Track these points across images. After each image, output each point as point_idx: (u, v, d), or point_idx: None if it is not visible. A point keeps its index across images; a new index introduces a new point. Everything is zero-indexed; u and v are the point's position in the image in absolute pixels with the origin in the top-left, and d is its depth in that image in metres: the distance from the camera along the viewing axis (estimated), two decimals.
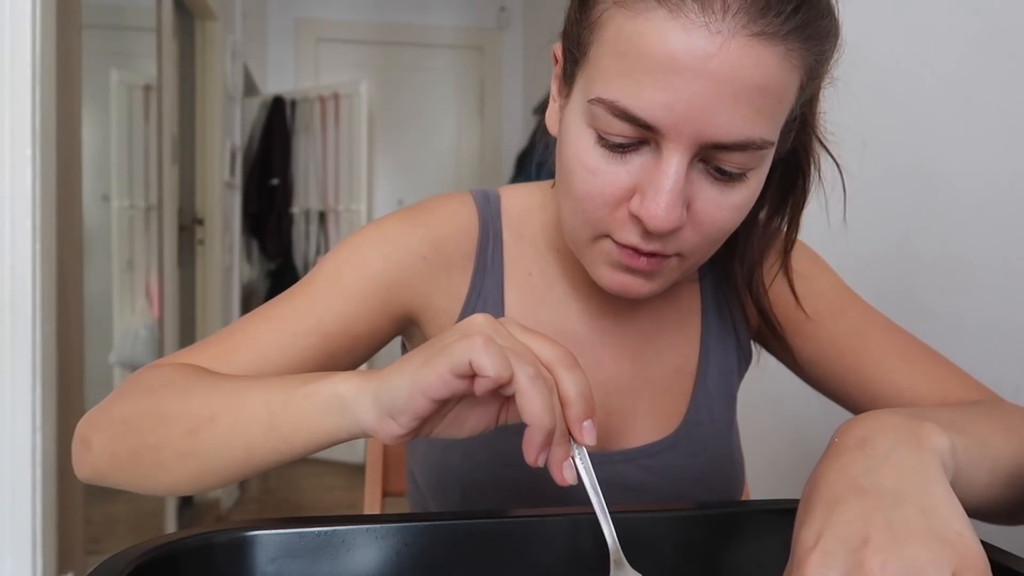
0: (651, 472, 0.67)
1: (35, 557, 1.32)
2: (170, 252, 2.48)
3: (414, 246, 0.64)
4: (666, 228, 0.50)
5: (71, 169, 1.54)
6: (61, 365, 1.43)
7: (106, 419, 0.53)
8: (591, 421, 0.43)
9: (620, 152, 0.52)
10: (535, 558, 0.51)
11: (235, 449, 0.49)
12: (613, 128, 0.51)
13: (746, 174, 0.52)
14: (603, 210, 0.54)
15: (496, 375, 0.40)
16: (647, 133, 0.50)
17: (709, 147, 0.50)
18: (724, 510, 0.56)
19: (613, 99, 0.50)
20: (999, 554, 0.47)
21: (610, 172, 0.52)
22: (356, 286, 0.62)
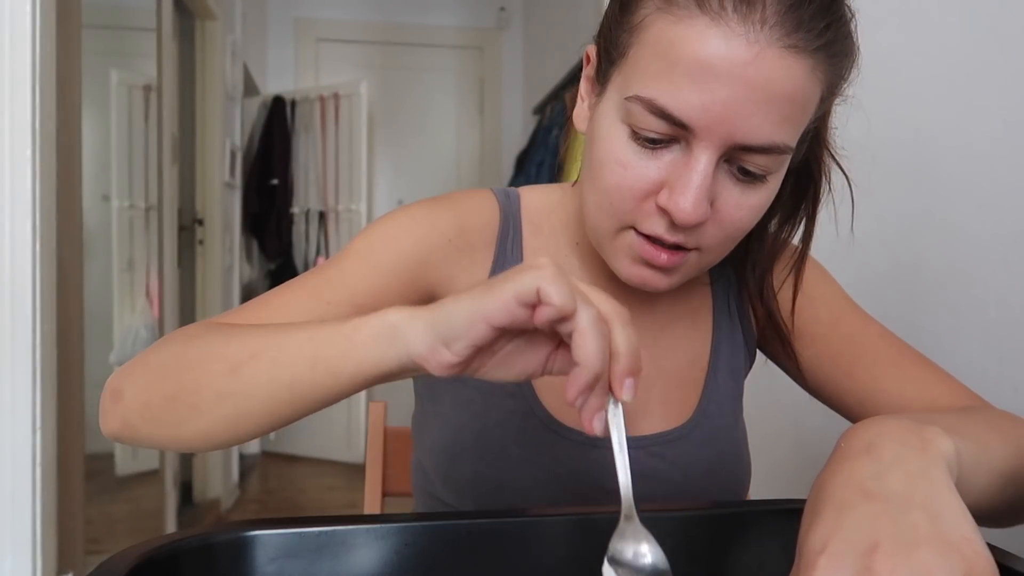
0: (663, 460, 0.69)
1: (35, 557, 1.32)
2: (170, 252, 2.48)
3: (442, 227, 0.66)
4: (692, 221, 0.53)
5: (71, 169, 1.54)
6: (61, 365, 1.43)
7: (140, 367, 0.53)
8: (633, 379, 0.42)
9: (651, 148, 0.55)
10: (535, 558, 0.51)
11: (278, 386, 0.47)
12: (648, 125, 0.54)
13: (766, 177, 0.56)
14: (631, 202, 0.56)
15: (561, 304, 0.40)
16: (680, 131, 0.53)
17: (736, 148, 0.53)
18: (725, 510, 0.56)
19: (652, 97, 0.53)
20: (999, 554, 0.47)
21: (641, 166, 0.55)
22: (388, 263, 0.63)
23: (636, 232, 0.57)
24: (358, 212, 3.64)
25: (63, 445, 1.43)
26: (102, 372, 2.30)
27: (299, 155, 3.80)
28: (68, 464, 1.49)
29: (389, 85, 4.19)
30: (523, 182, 3.26)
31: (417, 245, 0.65)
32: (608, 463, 0.67)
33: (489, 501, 0.68)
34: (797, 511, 0.55)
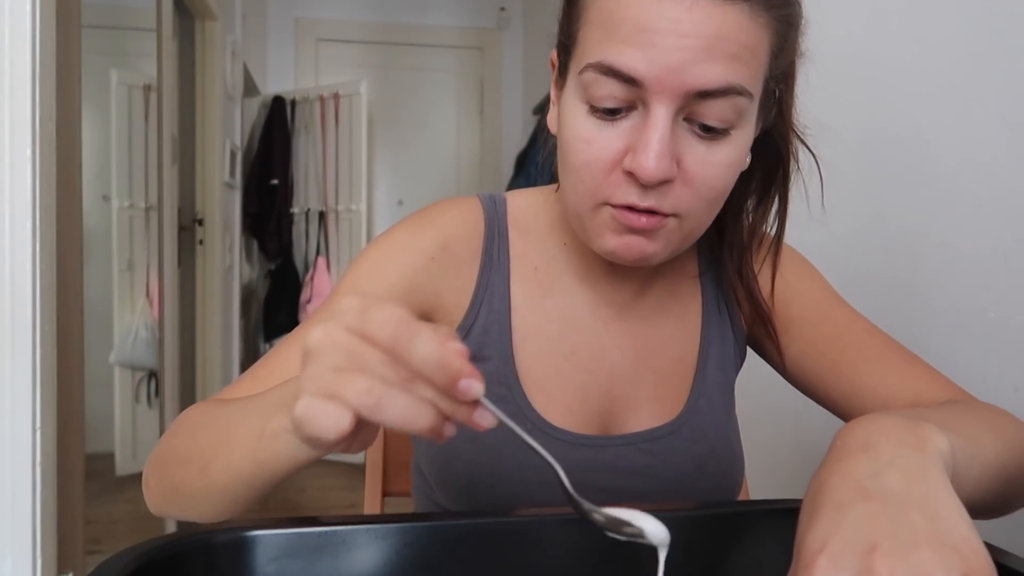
0: (653, 456, 0.69)
1: (35, 557, 1.32)
2: (170, 252, 2.48)
3: (423, 248, 0.66)
4: (656, 177, 0.54)
5: (71, 169, 1.54)
6: (61, 365, 1.43)
7: (152, 461, 0.58)
8: (467, 379, 0.37)
9: (611, 119, 0.56)
10: (535, 558, 0.51)
11: (238, 483, 0.48)
12: (603, 91, 0.55)
13: (729, 131, 0.56)
14: (600, 175, 0.57)
15: (338, 434, 0.37)
16: (634, 92, 0.55)
17: (692, 98, 0.54)
18: (724, 510, 0.56)
19: (600, 60, 0.55)
20: (998, 553, 0.47)
21: (603, 138, 0.57)
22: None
23: (611, 206, 0.58)
24: (358, 212, 3.64)
25: (63, 445, 1.43)
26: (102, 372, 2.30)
27: (299, 155, 3.80)
28: (68, 464, 1.49)
29: (389, 85, 4.19)
30: (523, 182, 3.26)
31: (402, 274, 0.65)
32: (601, 462, 0.67)
33: (484, 504, 0.68)
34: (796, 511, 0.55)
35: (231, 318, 3.29)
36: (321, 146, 3.74)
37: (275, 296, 3.78)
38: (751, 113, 0.58)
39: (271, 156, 3.73)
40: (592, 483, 0.67)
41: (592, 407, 0.70)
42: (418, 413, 0.37)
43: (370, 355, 0.38)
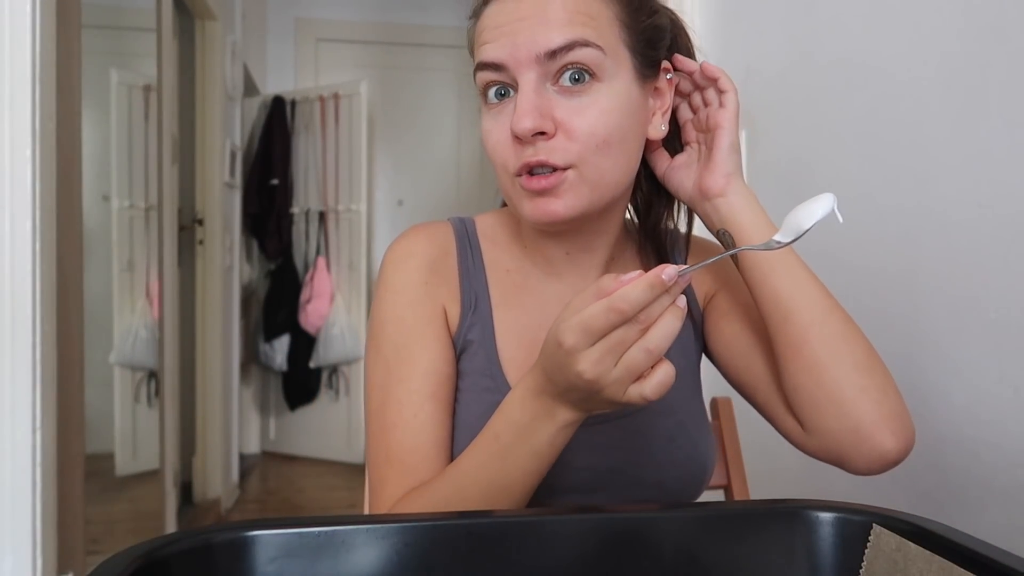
0: (627, 431, 0.74)
1: (35, 557, 1.32)
2: (170, 252, 2.48)
3: (416, 280, 0.75)
4: (527, 127, 0.63)
5: (71, 169, 1.54)
6: (61, 365, 1.43)
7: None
8: (665, 274, 0.50)
9: (498, 105, 0.68)
10: (535, 558, 0.51)
11: (516, 490, 0.63)
12: (483, 83, 0.68)
13: (592, 78, 0.65)
14: (502, 149, 0.67)
15: (668, 382, 0.53)
16: (504, 75, 0.66)
17: (545, 61, 0.64)
18: (724, 510, 0.57)
19: (476, 61, 0.69)
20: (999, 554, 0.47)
21: (496, 122, 0.68)
22: (420, 341, 0.73)
23: (518, 176, 0.67)
24: (358, 212, 3.64)
25: (63, 445, 1.43)
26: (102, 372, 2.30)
27: (299, 155, 3.80)
28: (68, 464, 1.49)
29: (389, 85, 4.19)
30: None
31: (415, 313, 0.74)
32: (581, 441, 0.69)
33: None
34: (796, 511, 0.55)
35: (231, 318, 3.29)
36: (321, 146, 3.74)
37: (275, 296, 3.78)
38: (613, 69, 0.66)
39: (271, 156, 3.73)
40: (571, 462, 0.69)
41: None
42: (672, 323, 0.51)
43: (617, 339, 0.52)
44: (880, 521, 0.52)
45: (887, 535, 0.51)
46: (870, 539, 0.52)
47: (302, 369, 3.71)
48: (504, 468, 0.61)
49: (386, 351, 0.74)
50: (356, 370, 3.69)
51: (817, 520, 0.55)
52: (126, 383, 2.43)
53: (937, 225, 1.02)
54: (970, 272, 0.96)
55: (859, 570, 0.53)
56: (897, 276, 1.09)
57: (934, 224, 1.02)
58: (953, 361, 0.99)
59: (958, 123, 0.98)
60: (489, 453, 0.62)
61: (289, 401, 3.80)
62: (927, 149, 1.04)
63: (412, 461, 0.70)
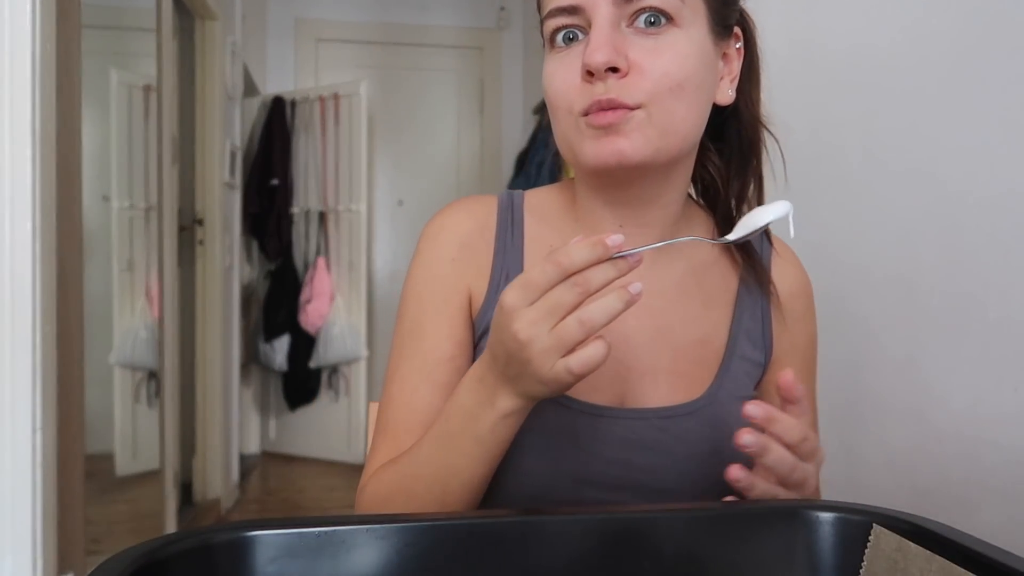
0: (666, 433, 0.70)
1: (35, 557, 1.32)
2: (170, 252, 2.48)
3: (444, 256, 0.74)
4: (600, 62, 0.61)
5: (71, 169, 1.54)
6: (61, 365, 1.43)
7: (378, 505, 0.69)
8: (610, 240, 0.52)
9: (566, 48, 0.65)
10: (535, 558, 0.51)
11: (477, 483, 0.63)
12: (555, 27, 0.65)
13: (670, 21, 0.63)
14: (570, 94, 0.65)
15: (604, 358, 0.53)
16: (578, 18, 0.64)
17: (623, 2, 0.62)
18: (724, 510, 0.56)
19: (548, 7, 0.66)
20: (999, 553, 0.47)
21: (564, 64, 0.65)
22: (433, 319, 0.73)
23: (583, 116, 0.64)
24: (358, 212, 3.64)
25: (63, 445, 1.44)
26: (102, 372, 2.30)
27: (299, 155, 3.80)
28: (68, 464, 1.49)
29: (389, 85, 4.19)
30: (523, 182, 3.26)
31: (437, 289, 0.73)
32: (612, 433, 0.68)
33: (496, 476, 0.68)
34: (796, 511, 0.55)
35: (231, 318, 3.29)
36: (321, 146, 3.74)
37: (275, 296, 3.78)
38: (690, 16, 0.64)
39: (271, 156, 3.73)
40: (601, 453, 0.68)
41: (607, 374, 0.70)
42: (613, 302, 0.52)
43: (554, 300, 0.52)
44: (880, 521, 0.52)
45: (887, 535, 0.51)
46: (870, 539, 0.52)
47: (302, 369, 3.71)
48: (451, 451, 0.61)
49: (403, 324, 0.74)
50: (356, 370, 3.69)
51: (817, 520, 0.55)
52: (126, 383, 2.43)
53: (937, 225, 1.02)
54: (970, 272, 0.96)
55: (859, 570, 0.53)
56: (897, 276, 1.09)
57: (934, 224, 1.02)
58: (953, 361, 0.99)
59: (958, 123, 0.98)
60: (439, 435, 0.63)
61: (289, 401, 3.80)
62: (927, 149, 1.04)
63: (401, 436, 0.70)
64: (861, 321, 1.17)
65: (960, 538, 0.48)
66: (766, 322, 0.77)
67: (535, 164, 3.21)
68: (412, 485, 0.64)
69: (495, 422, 0.58)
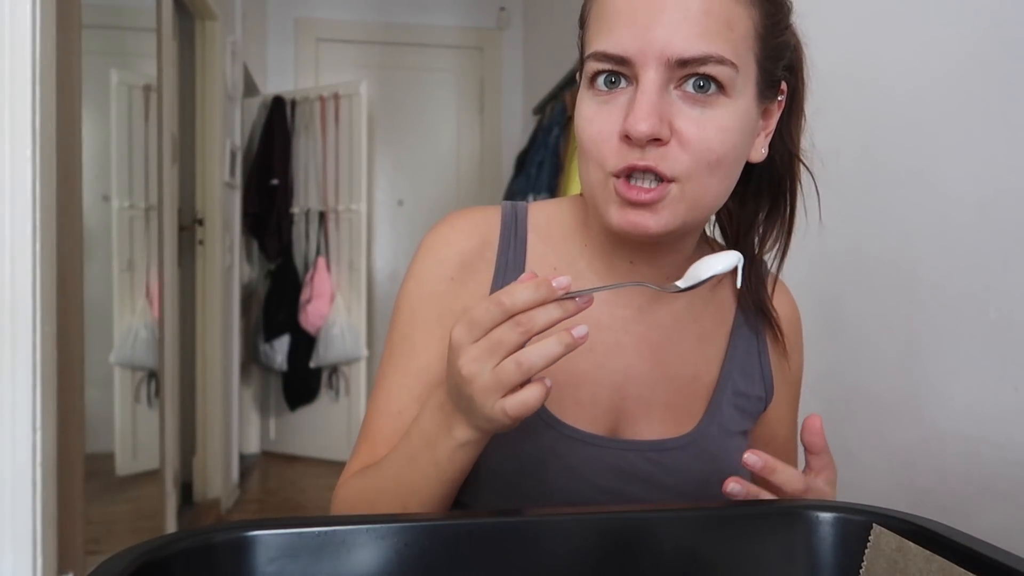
0: (658, 466, 0.70)
1: (35, 557, 1.32)
2: (170, 252, 2.48)
3: (442, 273, 0.72)
4: (644, 132, 0.58)
5: (71, 169, 1.54)
6: (61, 365, 1.43)
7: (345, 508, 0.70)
8: (556, 282, 0.52)
9: (608, 93, 0.61)
10: (535, 558, 0.51)
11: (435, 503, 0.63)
12: (598, 70, 0.61)
13: (719, 92, 0.60)
14: (604, 145, 0.61)
15: (541, 401, 0.54)
16: (625, 68, 0.60)
17: (675, 67, 0.59)
18: (724, 510, 0.56)
19: (595, 49, 0.61)
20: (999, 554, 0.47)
21: (604, 111, 0.62)
22: (424, 336, 0.71)
23: (616, 179, 0.61)
24: (358, 212, 3.63)
25: (63, 445, 1.43)
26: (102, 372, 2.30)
27: (299, 155, 3.80)
28: (68, 464, 1.49)
29: (389, 85, 4.19)
30: (523, 182, 3.26)
31: (432, 305, 0.72)
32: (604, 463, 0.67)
33: (488, 496, 0.69)
34: (796, 511, 0.55)
35: (231, 318, 3.29)
36: (321, 146, 3.74)
37: (275, 296, 3.78)
38: (741, 86, 0.61)
39: (271, 156, 3.73)
40: (594, 482, 0.68)
41: (603, 403, 0.70)
42: (551, 346, 0.52)
43: (495, 339, 0.52)
44: (880, 521, 0.52)
45: (887, 535, 0.51)
46: (870, 539, 0.52)
47: (302, 369, 3.71)
48: (410, 471, 0.61)
49: (394, 336, 0.73)
50: (356, 370, 3.69)
51: (817, 520, 0.55)
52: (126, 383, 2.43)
53: (937, 225, 1.02)
54: (970, 272, 0.96)
55: (859, 570, 0.53)
56: (897, 276, 1.09)
57: (934, 224, 1.02)
58: (953, 361, 0.99)
59: (958, 124, 0.98)
60: (402, 453, 0.63)
61: (289, 401, 3.80)
62: (927, 150, 1.04)
63: (379, 446, 0.70)
64: (861, 321, 1.17)
65: (960, 538, 0.48)
66: (763, 356, 0.76)
67: (535, 164, 3.21)
68: (375, 497, 0.65)
69: (452, 449, 0.58)
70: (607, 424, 0.71)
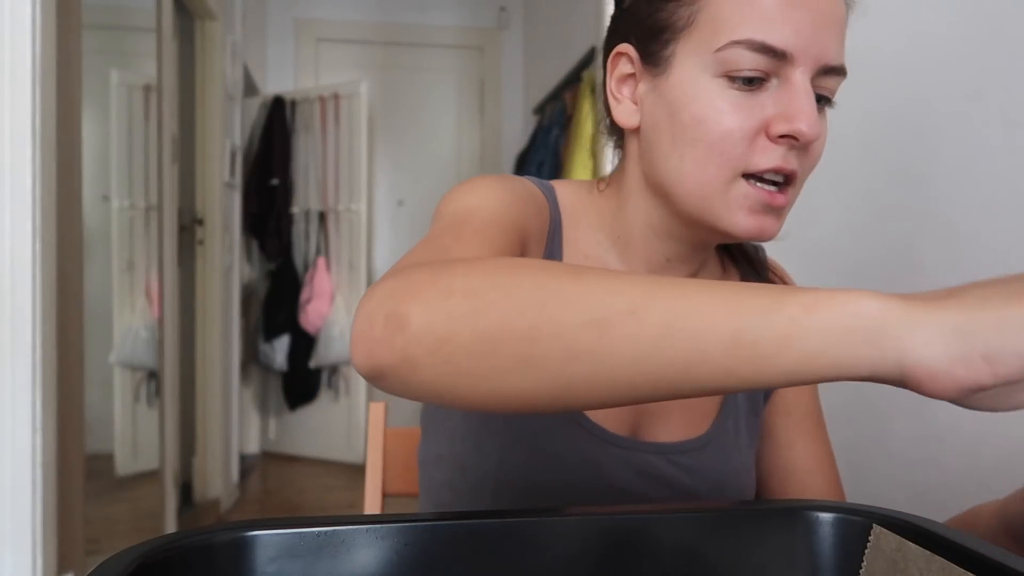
0: (680, 468, 0.70)
1: (35, 557, 1.32)
2: (170, 252, 2.48)
3: (529, 210, 0.64)
4: (815, 134, 0.56)
5: (71, 169, 1.54)
6: (61, 365, 1.43)
7: (437, 291, 0.39)
8: None
9: (749, 91, 0.57)
10: (535, 558, 0.51)
11: (666, 361, 0.36)
12: (747, 64, 0.56)
13: (826, 108, 0.61)
14: (743, 144, 0.57)
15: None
16: (777, 64, 0.56)
17: (820, 72, 0.57)
18: (724, 510, 0.56)
19: (748, 37, 0.56)
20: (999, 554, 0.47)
21: (746, 107, 0.57)
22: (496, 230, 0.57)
23: (747, 181, 0.58)
24: (358, 212, 3.64)
25: (63, 445, 1.44)
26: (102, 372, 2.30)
27: (299, 155, 3.80)
28: (68, 464, 1.49)
29: (389, 85, 4.19)
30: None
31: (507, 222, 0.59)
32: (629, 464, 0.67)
33: (509, 494, 0.67)
34: (796, 511, 0.55)
35: (231, 318, 3.29)
36: (321, 146, 3.74)
37: (275, 296, 3.78)
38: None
39: (271, 156, 3.73)
40: (617, 484, 0.68)
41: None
42: None
43: None
44: (880, 521, 0.52)
45: (887, 535, 0.51)
46: (870, 539, 0.52)
47: (302, 369, 3.71)
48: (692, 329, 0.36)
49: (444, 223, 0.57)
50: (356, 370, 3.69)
51: (817, 520, 0.55)
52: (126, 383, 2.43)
53: (937, 225, 1.02)
54: (970, 272, 0.96)
55: (859, 570, 0.53)
56: (897, 276, 1.09)
57: (934, 224, 1.02)
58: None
59: (958, 123, 0.98)
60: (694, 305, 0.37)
61: (289, 401, 3.80)
62: (927, 149, 1.04)
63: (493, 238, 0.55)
64: None
65: (960, 538, 0.48)
66: None
67: (535, 164, 3.21)
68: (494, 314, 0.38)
69: (827, 355, 0.35)
70: (629, 425, 0.70)
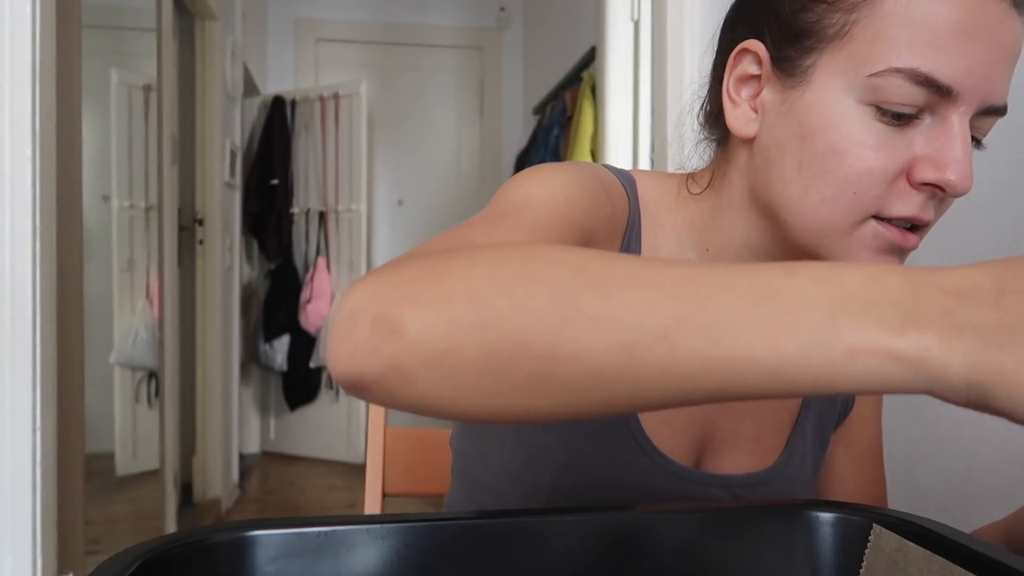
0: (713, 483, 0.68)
1: (35, 557, 1.32)
2: (170, 252, 2.48)
3: (602, 208, 0.58)
4: (967, 187, 0.50)
5: (71, 169, 1.54)
6: (61, 365, 1.43)
7: (437, 295, 0.34)
8: None
9: (898, 125, 0.51)
10: (535, 558, 0.51)
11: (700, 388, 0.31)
12: (904, 98, 0.50)
13: (979, 147, 0.54)
14: (882, 185, 0.52)
15: None
16: (935, 100, 0.50)
17: (981, 112, 0.51)
18: (724, 510, 0.56)
19: (914, 67, 0.49)
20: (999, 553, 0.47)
21: (892, 145, 0.51)
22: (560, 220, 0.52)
23: (877, 220, 0.53)
24: (358, 212, 3.64)
25: (63, 445, 1.43)
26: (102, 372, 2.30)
27: (299, 155, 3.80)
28: (68, 464, 1.49)
29: (389, 85, 4.19)
30: None
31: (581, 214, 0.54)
32: (691, 496, 0.65)
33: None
34: (796, 511, 0.55)
35: (231, 318, 3.29)
36: (321, 146, 3.74)
37: (275, 296, 3.78)
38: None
39: (271, 156, 3.73)
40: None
41: (694, 433, 0.67)
42: None
43: None
44: (880, 521, 0.52)
45: (887, 535, 0.51)
46: (870, 539, 0.52)
47: (302, 369, 3.71)
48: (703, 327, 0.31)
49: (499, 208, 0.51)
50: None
51: (817, 520, 0.55)
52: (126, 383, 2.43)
53: (937, 225, 1.01)
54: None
55: (859, 570, 0.53)
56: None
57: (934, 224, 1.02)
58: None
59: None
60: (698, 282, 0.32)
61: (289, 401, 3.80)
62: None
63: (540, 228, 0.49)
64: None
65: (960, 538, 0.48)
66: None
67: (535, 164, 3.21)
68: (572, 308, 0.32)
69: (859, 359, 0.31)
70: (693, 455, 0.67)
